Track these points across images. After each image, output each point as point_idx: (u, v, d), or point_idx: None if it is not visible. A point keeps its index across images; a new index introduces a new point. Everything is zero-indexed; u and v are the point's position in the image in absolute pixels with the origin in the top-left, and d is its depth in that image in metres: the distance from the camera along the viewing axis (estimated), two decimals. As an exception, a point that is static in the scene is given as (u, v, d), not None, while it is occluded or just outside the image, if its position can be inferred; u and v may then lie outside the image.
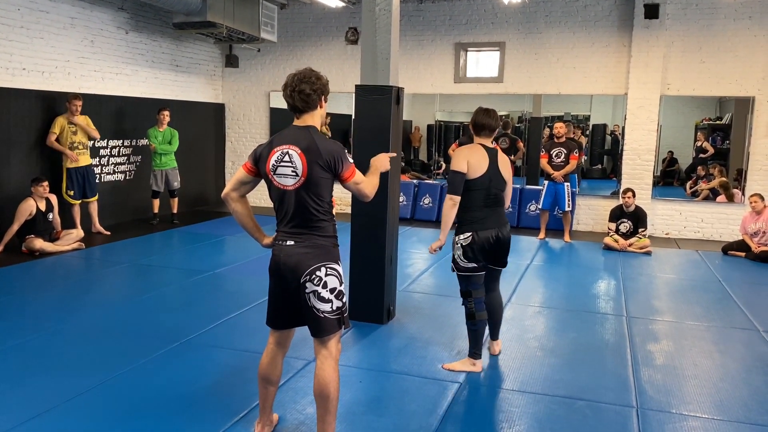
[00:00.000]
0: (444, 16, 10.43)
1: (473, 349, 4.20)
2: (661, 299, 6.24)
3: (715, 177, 9.85)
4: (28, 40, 7.72)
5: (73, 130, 7.92)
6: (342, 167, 2.92)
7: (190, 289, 6.10)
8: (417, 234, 9.32)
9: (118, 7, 9.05)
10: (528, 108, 10.69)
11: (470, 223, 4.02)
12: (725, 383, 4.17)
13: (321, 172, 2.87)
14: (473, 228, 4.01)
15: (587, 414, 3.64)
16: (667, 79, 9.48)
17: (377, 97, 4.95)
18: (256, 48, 11.24)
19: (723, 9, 9.17)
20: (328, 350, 2.95)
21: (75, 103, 7.87)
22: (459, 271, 4.09)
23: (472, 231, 4.01)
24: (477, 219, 4.02)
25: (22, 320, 4.96)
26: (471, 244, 4.00)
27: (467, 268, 4.06)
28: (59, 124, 7.83)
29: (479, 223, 4.02)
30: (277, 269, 2.95)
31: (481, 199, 4.02)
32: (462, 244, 4.03)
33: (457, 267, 4.09)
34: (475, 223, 4.02)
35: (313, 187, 2.87)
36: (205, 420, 3.41)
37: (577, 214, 9.93)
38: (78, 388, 3.73)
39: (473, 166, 3.98)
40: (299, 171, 2.86)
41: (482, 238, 4.00)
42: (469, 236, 4.00)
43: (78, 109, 7.90)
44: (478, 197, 4.01)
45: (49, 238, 7.31)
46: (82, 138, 8.03)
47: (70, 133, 7.89)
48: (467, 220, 4.03)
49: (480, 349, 4.21)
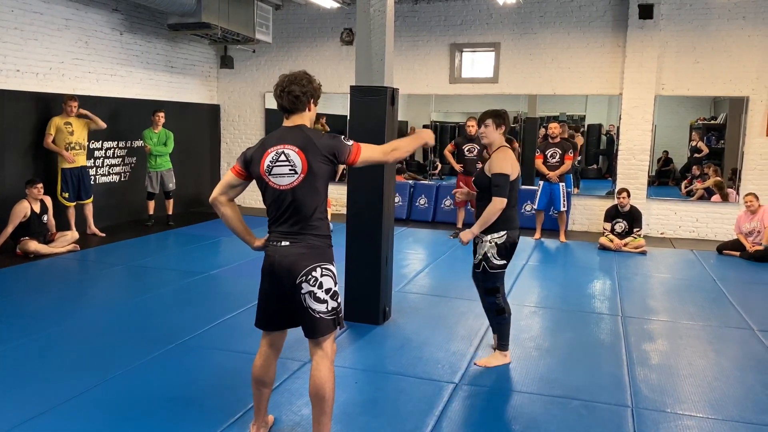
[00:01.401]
0: (439, 17, 10.44)
1: (503, 341, 4.36)
2: (656, 299, 6.26)
3: (710, 177, 9.89)
4: (22, 42, 7.70)
5: (70, 131, 7.90)
6: (344, 154, 2.92)
7: (186, 290, 6.09)
8: (413, 234, 9.33)
9: (112, 9, 9.03)
10: (523, 108, 10.71)
11: (504, 222, 4.10)
12: (720, 382, 4.18)
13: (322, 165, 2.87)
14: (507, 227, 4.12)
15: (583, 414, 3.65)
16: (661, 79, 9.51)
17: (372, 97, 4.95)
18: (251, 49, 11.23)
19: (717, 9, 9.20)
20: (323, 351, 2.95)
21: (71, 104, 7.86)
22: (491, 269, 4.16)
23: (506, 230, 4.11)
24: (509, 218, 4.14)
25: (18, 322, 4.94)
26: (505, 242, 4.11)
27: (499, 266, 4.16)
28: (54, 125, 7.81)
29: (511, 222, 4.15)
30: (271, 270, 2.94)
31: (513, 199, 4.16)
32: (497, 243, 4.11)
33: (489, 265, 4.15)
34: (507, 222, 4.12)
35: (313, 183, 2.87)
36: (201, 422, 3.40)
37: (572, 214, 9.95)
38: (73, 390, 3.72)
39: (514, 169, 4.11)
40: (299, 168, 2.85)
41: (513, 236, 4.16)
42: (504, 234, 4.10)
43: (73, 110, 7.89)
44: (512, 198, 4.13)
45: (44, 240, 7.29)
46: (79, 139, 8.01)
47: (66, 134, 7.87)
48: (501, 220, 4.09)
49: (508, 340, 4.37)
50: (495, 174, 4.03)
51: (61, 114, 7.90)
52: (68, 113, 7.87)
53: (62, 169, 7.92)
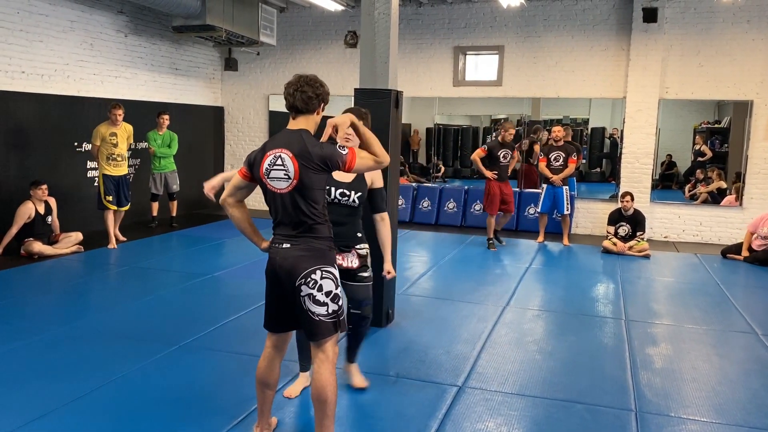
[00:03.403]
0: (443, 20, 10.45)
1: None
2: (659, 302, 6.24)
3: (714, 180, 9.87)
4: (28, 44, 7.73)
5: (114, 142, 7.72)
6: (338, 162, 2.88)
7: (189, 292, 6.10)
8: (416, 237, 9.33)
9: (117, 11, 9.06)
10: (527, 111, 10.71)
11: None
12: (724, 386, 4.17)
13: (314, 174, 2.86)
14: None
15: (586, 417, 3.64)
16: (665, 83, 9.50)
17: (376, 100, 4.95)
18: (256, 51, 11.25)
19: (721, 13, 9.19)
20: (324, 354, 2.95)
21: (115, 113, 7.69)
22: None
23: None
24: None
25: (21, 323, 4.95)
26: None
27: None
28: (100, 135, 7.66)
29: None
30: (273, 272, 2.95)
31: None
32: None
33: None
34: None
35: (306, 190, 2.87)
36: (204, 423, 3.41)
37: (575, 218, 9.93)
38: (77, 391, 3.73)
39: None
40: (291, 174, 2.86)
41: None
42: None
43: (118, 118, 7.74)
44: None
45: (48, 241, 7.31)
46: (122, 150, 7.86)
47: (110, 145, 7.71)
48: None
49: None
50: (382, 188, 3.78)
51: (107, 122, 7.73)
52: (113, 122, 7.70)
53: (104, 175, 7.78)
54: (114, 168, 7.83)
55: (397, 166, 5.23)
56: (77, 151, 8.55)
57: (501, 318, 5.45)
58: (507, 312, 5.64)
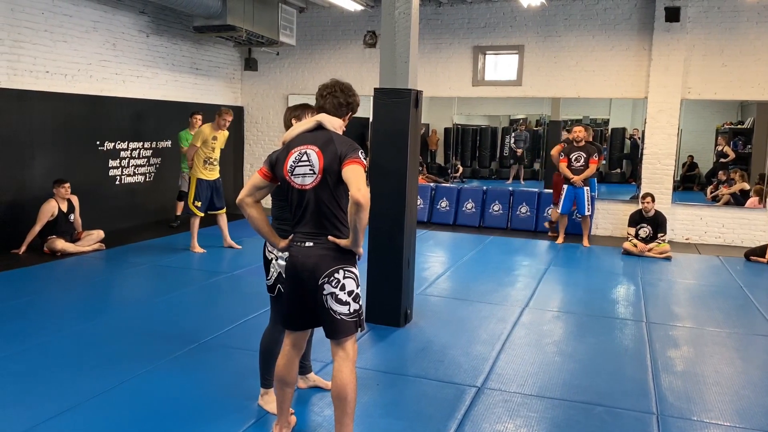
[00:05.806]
0: (462, 20, 10.42)
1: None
2: (681, 305, 6.17)
3: (736, 182, 9.73)
4: (52, 44, 7.84)
5: (212, 146, 7.60)
6: (347, 157, 2.85)
7: (209, 290, 6.14)
8: (434, 237, 9.31)
9: (139, 11, 9.15)
10: (547, 111, 10.65)
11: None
12: (747, 390, 4.11)
13: (337, 167, 2.85)
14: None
15: (606, 420, 3.61)
16: (687, 83, 9.39)
17: (396, 100, 4.95)
18: (275, 51, 11.30)
19: (745, 12, 9.06)
20: (345, 352, 2.96)
21: (225, 118, 7.50)
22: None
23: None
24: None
25: (44, 320, 5.02)
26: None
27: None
28: (203, 137, 7.48)
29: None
30: (294, 270, 2.96)
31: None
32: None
33: None
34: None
35: (331, 186, 2.88)
36: (224, 421, 3.43)
37: (596, 219, 9.85)
38: (97, 387, 3.77)
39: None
40: (316, 169, 2.87)
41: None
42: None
43: (226, 125, 7.61)
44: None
45: (71, 239, 7.41)
46: (218, 155, 7.75)
47: (209, 149, 7.58)
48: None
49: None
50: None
51: (211, 124, 7.62)
52: (220, 126, 7.56)
53: (198, 179, 7.63)
54: (209, 172, 7.68)
55: (415, 167, 5.22)
56: (99, 150, 8.65)
57: (520, 319, 5.42)
58: (526, 313, 5.61)
